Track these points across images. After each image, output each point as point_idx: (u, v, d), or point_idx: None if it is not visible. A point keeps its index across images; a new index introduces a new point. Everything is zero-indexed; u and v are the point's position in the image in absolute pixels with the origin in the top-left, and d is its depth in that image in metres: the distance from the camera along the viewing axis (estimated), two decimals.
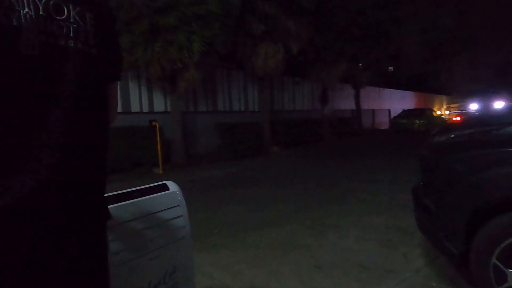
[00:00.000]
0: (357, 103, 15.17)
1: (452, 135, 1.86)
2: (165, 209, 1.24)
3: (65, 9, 0.68)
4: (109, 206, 1.09)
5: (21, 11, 0.60)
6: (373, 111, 18.60)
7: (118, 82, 0.91)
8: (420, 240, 2.50)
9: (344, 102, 15.67)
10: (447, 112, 26.69)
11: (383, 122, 19.17)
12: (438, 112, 18.14)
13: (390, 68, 19.65)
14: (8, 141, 0.60)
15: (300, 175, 5.68)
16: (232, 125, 9.15)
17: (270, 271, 2.12)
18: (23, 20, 0.61)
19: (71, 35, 0.68)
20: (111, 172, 6.27)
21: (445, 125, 11.27)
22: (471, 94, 23.42)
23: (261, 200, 4.03)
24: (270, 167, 6.92)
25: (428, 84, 24.50)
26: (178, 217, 1.28)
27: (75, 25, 0.69)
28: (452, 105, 27.84)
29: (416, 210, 2.05)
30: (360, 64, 14.09)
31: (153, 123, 6.83)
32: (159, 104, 8.28)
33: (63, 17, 0.67)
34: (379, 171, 5.63)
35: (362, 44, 12.18)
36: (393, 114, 18.38)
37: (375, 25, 12.33)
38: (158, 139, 6.75)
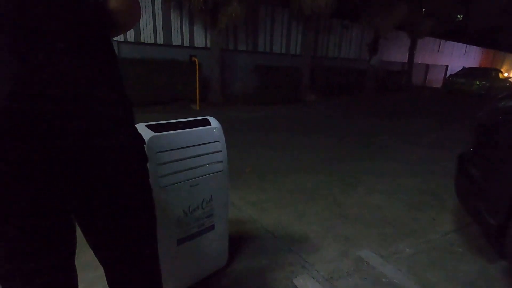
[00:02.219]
0: (411, 55, 13.64)
1: None
2: (206, 143, 1.30)
3: None
4: (156, 134, 1.16)
5: None
6: (427, 66, 16.74)
7: None
8: (452, 207, 2.43)
9: (395, 53, 14.17)
10: None
11: (437, 80, 17.34)
12: (506, 74, 15.82)
13: (458, 16, 16.85)
14: None
15: (336, 127, 5.55)
16: (271, 68, 8.83)
17: (295, 213, 2.24)
18: None
19: None
20: (151, 104, 6.58)
21: None
22: None
23: (294, 147, 4.07)
24: (306, 115, 6.80)
25: (501, 39, 20.99)
26: (218, 151, 1.34)
27: None
28: None
29: (458, 177, 1.94)
30: (423, 9, 12.22)
31: (193, 58, 6.80)
32: (200, 39, 8.10)
33: None
34: (422, 133, 5.30)
35: None
36: (451, 72, 16.44)
37: None
38: (197, 75, 6.79)
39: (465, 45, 19.02)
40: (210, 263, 1.49)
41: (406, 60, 14.05)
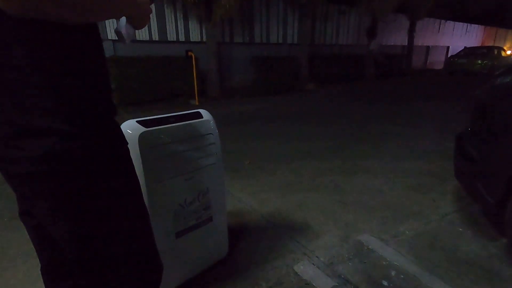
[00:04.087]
0: (410, 38, 13.40)
1: None
2: (199, 136, 1.30)
3: None
4: (147, 129, 1.16)
5: None
6: (428, 48, 16.47)
7: None
8: (453, 188, 2.43)
9: (394, 36, 13.95)
10: None
11: (438, 61, 17.08)
12: (509, 52, 15.52)
13: None
14: None
15: (335, 114, 5.52)
16: (269, 58, 8.75)
17: (295, 202, 2.25)
18: None
19: None
20: (150, 102, 6.59)
21: None
22: None
23: (293, 136, 4.06)
24: (305, 105, 6.76)
25: (504, 16, 20.45)
26: (211, 144, 1.34)
27: None
28: None
29: (456, 157, 1.93)
30: None
31: (189, 53, 6.76)
32: (195, 33, 8.03)
33: None
34: (423, 117, 5.25)
35: None
36: (452, 52, 16.16)
37: None
38: (194, 70, 6.76)
39: (466, 24, 18.62)
40: (210, 254, 1.51)
41: (406, 43, 13.83)
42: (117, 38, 0.74)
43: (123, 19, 0.70)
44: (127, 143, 0.72)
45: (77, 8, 0.52)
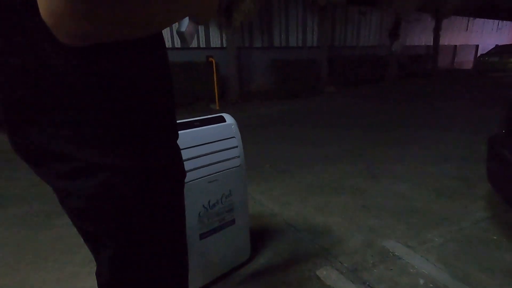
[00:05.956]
0: (436, 37, 12.88)
1: None
2: (222, 139, 1.32)
3: None
4: None
5: None
6: (455, 47, 15.77)
7: None
8: (484, 193, 2.30)
9: (418, 36, 13.48)
10: None
11: (467, 61, 16.30)
12: None
13: None
14: None
15: (357, 117, 5.40)
16: (288, 62, 8.75)
17: (317, 206, 2.22)
18: None
19: None
20: None
21: None
22: None
23: (314, 139, 4.02)
24: (326, 107, 6.68)
25: None
26: (234, 147, 1.36)
27: None
28: None
29: (489, 161, 1.84)
30: None
31: (210, 59, 6.90)
32: (216, 39, 8.19)
33: None
34: (450, 118, 5.03)
35: None
36: (482, 51, 15.38)
37: None
38: (215, 75, 6.88)
39: (497, 21, 17.67)
40: (233, 256, 1.53)
41: (431, 43, 13.32)
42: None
43: (186, 17, 0.57)
44: (185, 176, 0.66)
45: (155, 21, 0.42)
